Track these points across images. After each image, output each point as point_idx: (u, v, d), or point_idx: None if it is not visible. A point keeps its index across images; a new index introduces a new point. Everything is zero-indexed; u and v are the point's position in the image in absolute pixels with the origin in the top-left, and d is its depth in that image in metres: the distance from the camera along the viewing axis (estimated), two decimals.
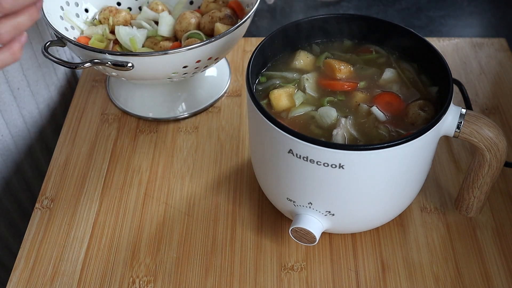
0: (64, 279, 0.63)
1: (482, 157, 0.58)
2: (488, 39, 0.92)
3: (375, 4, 1.05)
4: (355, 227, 0.64)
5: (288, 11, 1.04)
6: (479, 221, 0.67)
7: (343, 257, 0.64)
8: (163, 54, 0.66)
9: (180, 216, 0.69)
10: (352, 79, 0.63)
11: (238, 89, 0.85)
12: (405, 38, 0.63)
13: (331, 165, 0.53)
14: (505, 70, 0.87)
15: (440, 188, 0.71)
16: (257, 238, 0.66)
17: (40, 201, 0.71)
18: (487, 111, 0.81)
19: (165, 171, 0.74)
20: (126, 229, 0.68)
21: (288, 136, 0.53)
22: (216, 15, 0.77)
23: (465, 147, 0.76)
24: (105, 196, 0.71)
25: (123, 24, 0.80)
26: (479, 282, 0.62)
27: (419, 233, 0.66)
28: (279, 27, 0.63)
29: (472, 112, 0.56)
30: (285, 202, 0.61)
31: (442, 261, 0.64)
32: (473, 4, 1.05)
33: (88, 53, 0.68)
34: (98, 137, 0.78)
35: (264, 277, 0.63)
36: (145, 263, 0.64)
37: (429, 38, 0.92)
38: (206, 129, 0.79)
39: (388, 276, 0.63)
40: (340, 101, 0.60)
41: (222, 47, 0.70)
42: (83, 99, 0.84)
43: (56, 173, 0.74)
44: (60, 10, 0.76)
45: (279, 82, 0.63)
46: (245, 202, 0.70)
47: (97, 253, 0.65)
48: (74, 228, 0.68)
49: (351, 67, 0.64)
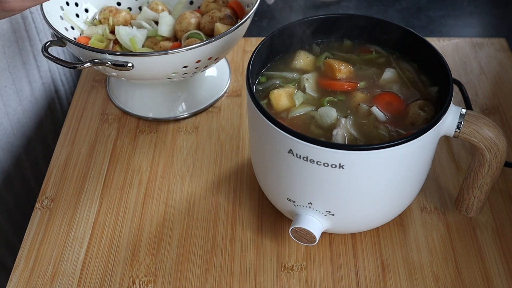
0: (64, 279, 0.63)
1: (482, 157, 0.58)
2: (488, 39, 0.92)
3: (375, 4, 1.05)
4: (355, 227, 0.64)
5: (288, 11, 1.04)
6: (479, 221, 0.67)
7: (343, 257, 0.64)
8: (163, 54, 0.66)
9: (180, 216, 0.69)
10: (352, 79, 0.63)
11: (238, 89, 0.85)
12: (405, 38, 0.63)
13: (331, 165, 0.53)
14: (505, 70, 0.87)
15: (440, 188, 0.71)
16: (257, 238, 0.66)
17: (40, 201, 0.71)
18: (487, 111, 0.81)
19: (165, 171, 0.74)
20: (126, 229, 0.68)
21: (288, 136, 0.53)
22: (216, 15, 0.77)
23: (465, 147, 0.76)
24: (105, 196, 0.71)
25: (123, 24, 0.80)
26: (479, 282, 0.62)
27: (419, 233, 0.66)
28: (279, 27, 0.63)
29: (472, 112, 0.56)
30: (285, 202, 0.61)
31: (442, 261, 0.64)
32: (473, 4, 1.05)
33: (88, 53, 0.68)
34: (98, 137, 0.78)
35: (264, 277, 0.63)
36: (145, 263, 0.64)
37: (429, 38, 0.92)
38: (206, 129, 0.79)
39: (388, 276, 0.63)
40: (340, 101, 0.60)
41: (222, 47, 0.70)
42: (83, 99, 0.84)
43: (56, 173, 0.74)
44: (60, 10, 0.76)
45: (279, 82, 0.63)
46: (245, 202, 0.70)
47: (97, 253, 0.65)
48: (74, 228, 0.68)
49: (351, 67, 0.64)
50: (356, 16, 0.65)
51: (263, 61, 0.63)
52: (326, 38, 0.67)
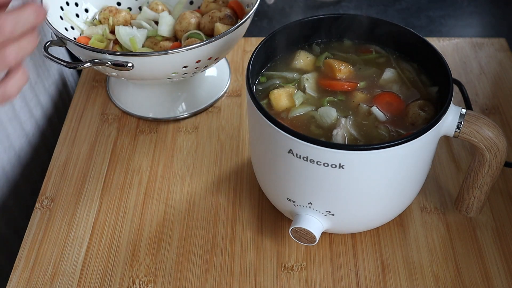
0: (64, 279, 0.63)
1: (482, 157, 0.58)
2: (488, 39, 0.92)
3: (375, 4, 1.05)
4: (355, 227, 0.64)
5: (288, 11, 1.04)
6: (479, 221, 0.67)
7: (343, 257, 0.64)
8: (163, 54, 0.66)
9: (180, 216, 0.69)
10: (352, 79, 0.63)
11: (238, 89, 0.85)
12: (405, 38, 0.63)
13: (331, 165, 0.53)
14: (505, 70, 0.87)
15: (440, 188, 0.71)
16: (257, 238, 0.66)
17: (40, 201, 0.71)
18: (487, 111, 0.81)
19: (165, 171, 0.74)
20: (126, 229, 0.68)
21: (288, 136, 0.53)
22: (216, 15, 0.77)
23: (465, 147, 0.76)
24: (105, 196, 0.71)
25: (123, 24, 0.80)
26: (479, 282, 0.62)
27: (419, 233, 0.66)
28: (279, 27, 0.63)
29: (472, 112, 0.56)
30: (285, 202, 0.61)
31: (442, 261, 0.64)
32: (473, 4, 1.05)
33: (88, 53, 0.68)
34: (98, 137, 0.78)
35: (264, 277, 0.63)
36: (145, 263, 0.64)
37: (429, 38, 0.92)
38: (206, 129, 0.79)
39: (388, 276, 0.63)
40: (340, 101, 0.60)
41: (222, 47, 0.70)
42: (83, 99, 0.84)
43: (56, 173, 0.74)
44: (60, 10, 0.76)
45: (279, 82, 0.63)
46: (245, 202, 0.70)
47: (97, 253, 0.65)
48: (74, 228, 0.68)
49: (351, 67, 0.64)
50: (356, 16, 0.65)
51: (263, 61, 0.63)
52: (326, 38, 0.67)
